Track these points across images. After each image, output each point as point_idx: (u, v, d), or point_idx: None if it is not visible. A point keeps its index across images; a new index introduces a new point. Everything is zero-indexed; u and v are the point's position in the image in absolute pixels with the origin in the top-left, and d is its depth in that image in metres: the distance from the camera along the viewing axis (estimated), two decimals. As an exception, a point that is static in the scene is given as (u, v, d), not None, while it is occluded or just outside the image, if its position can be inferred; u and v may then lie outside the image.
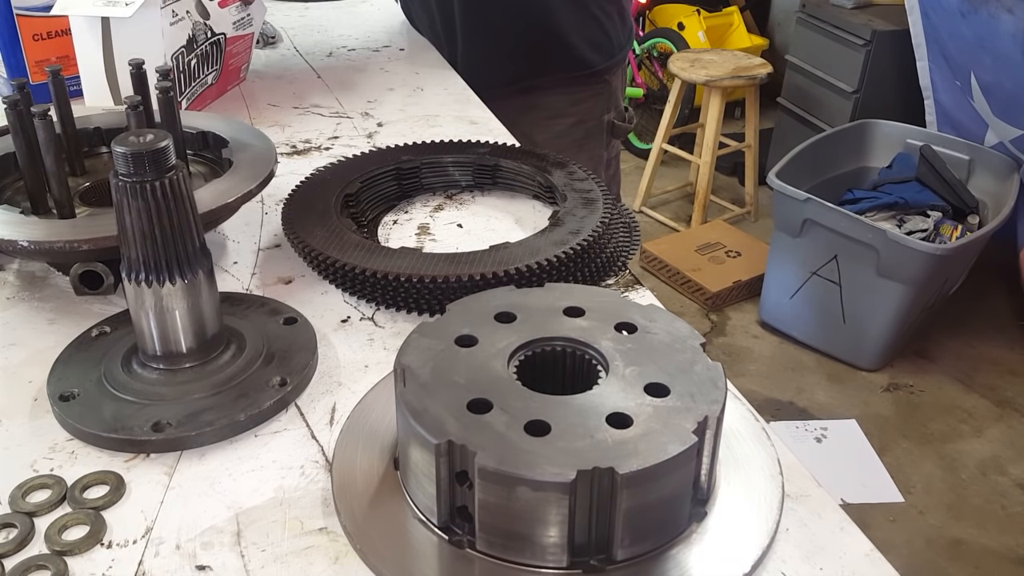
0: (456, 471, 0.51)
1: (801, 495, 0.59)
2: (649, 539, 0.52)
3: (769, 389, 2.77)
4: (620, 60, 1.59)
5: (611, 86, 1.59)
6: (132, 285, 0.63)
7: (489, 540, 0.52)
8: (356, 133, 1.20)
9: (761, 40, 4.55)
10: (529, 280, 0.77)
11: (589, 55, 1.52)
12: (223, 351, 0.69)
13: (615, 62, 1.57)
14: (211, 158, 0.93)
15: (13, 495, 0.58)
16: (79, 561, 0.54)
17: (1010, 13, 2.61)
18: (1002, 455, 2.52)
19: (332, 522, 0.57)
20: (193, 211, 0.63)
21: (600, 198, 0.89)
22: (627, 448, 0.49)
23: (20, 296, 0.82)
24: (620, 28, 1.57)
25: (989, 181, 2.91)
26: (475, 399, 0.53)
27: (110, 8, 1.07)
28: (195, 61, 1.18)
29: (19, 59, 1.20)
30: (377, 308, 0.80)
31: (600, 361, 0.57)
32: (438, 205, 0.99)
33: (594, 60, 1.53)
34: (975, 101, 2.93)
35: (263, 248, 0.90)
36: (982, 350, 2.93)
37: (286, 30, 1.66)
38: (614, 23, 1.54)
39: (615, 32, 1.55)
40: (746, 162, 3.76)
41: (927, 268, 2.50)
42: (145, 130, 0.61)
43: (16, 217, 0.75)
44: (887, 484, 2.40)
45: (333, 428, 0.65)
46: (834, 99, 3.56)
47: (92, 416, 0.63)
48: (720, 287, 3.14)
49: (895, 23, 3.28)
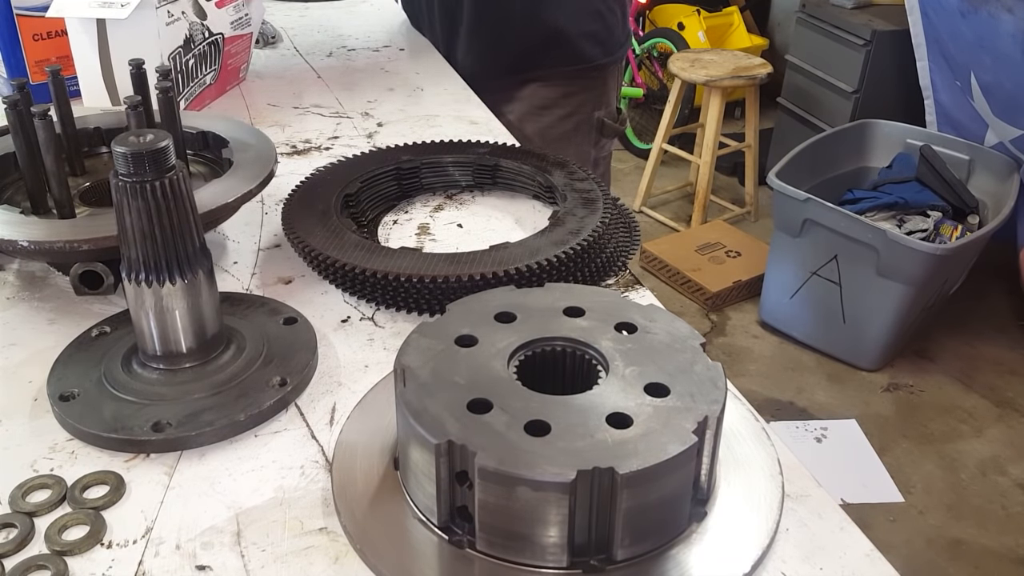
0: (456, 471, 0.51)
1: (801, 495, 0.59)
2: (649, 539, 0.52)
3: (769, 389, 2.77)
4: (618, 58, 1.60)
5: (606, 84, 1.59)
6: (132, 285, 0.63)
7: (489, 540, 0.52)
8: (356, 133, 1.20)
9: (761, 40, 4.55)
10: (529, 280, 0.77)
11: (589, 49, 1.52)
12: (223, 351, 0.69)
13: (613, 59, 1.58)
14: (211, 158, 0.92)
15: (13, 495, 0.58)
16: (79, 561, 0.54)
17: (1010, 13, 2.61)
18: (1002, 455, 2.52)
19: (332, 522, 0.57)
20: (193, 211, 0.63)
21: (600, 198, 0.89)
22: (627, 448, 0.49)
23: (20, 296, 0.82)
24: (621, 25, 1.57)
25: (989, 181, 2.91)
26: (475, 399, 0.53)
27: (105, 9, 1.07)
28: (192, 61, 1.18)
29: (19, 59, 1.20)
30: (377, 308, 0.80)
31: (600, 361, 0.57)
32: (438, 205, 0.99)
33: (593, 55, 1.53)
34: (975, 101, 2.93)
35: (263, 248, 0.90)
36: (982, 350, 2.93)
37: (286, 30, 1.66)
38: (616, 19, 1.55)
39: (617, 28, 1.55)
40: (746, 162, 3.76)
41: (927, 268, 2.50)
42: (145, 130, 0.61)
43: (16, 217, 0.75)
44: (887, 484, 2.40)
45: (333, 428, 0.65)
46: (834, 99, 3.56)
47: (92, 416, 0.63)
48: (720, 287, 3.14)
49: (895, 23, 3.28)
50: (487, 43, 1.51)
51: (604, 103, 1.60)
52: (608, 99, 1.61)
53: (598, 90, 1.58)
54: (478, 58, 1.50)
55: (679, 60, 3.65)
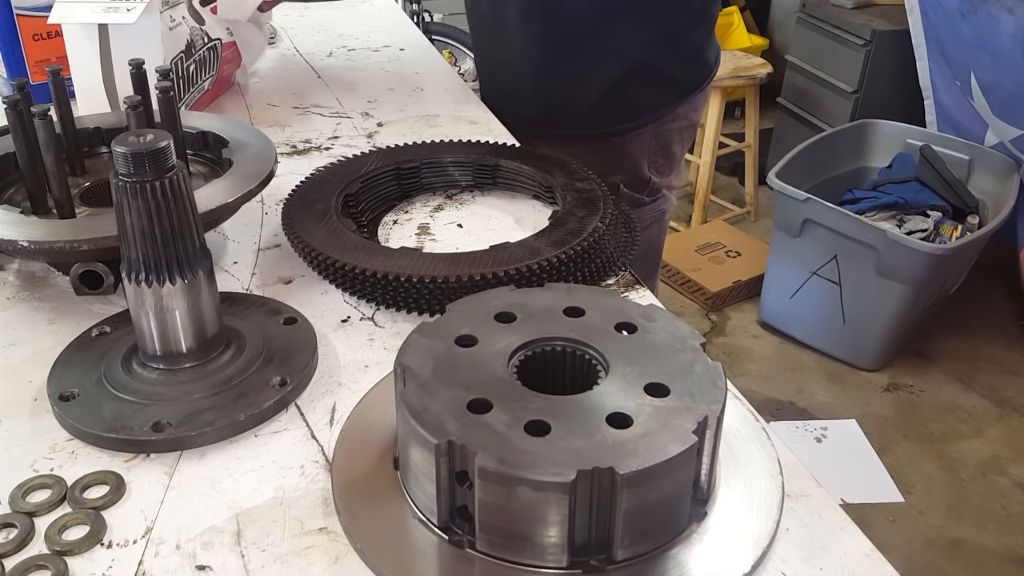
0: (456, 471, 0.51)
1: (801, 495, 0.59)
2: (649, 539, 0.52)
3: (769, 389, 2.76)
4: (637, 126, 1.38)
5: (623, 149, 1.39)
6: (132, 285, 0.63)
7: (489, 540, 0.52)
8: (356, 133, 1.20)
9: (761, 40, 4.55)
10: (529, 280, 0.77)
11: (591, 117, 1.36)
12: (223, 351, 0.69)
13: (629, 127, 1.38)
14: (211, 158, 0.92)
15: (13, 495, 0.58)
16: (79, 561, 0.54)
17: (1010, 13, 2.61)
18: (1002, 455, 2.52)
19: (332, 522, 0.57)
20: (193, 211, 0.63)
21: (600, 198, 0.89)
22: (627, 448, 0.49)
23: (20, 296, 0.82)
24: (644, 96, 1.37)
25: (989, 181, 2.91)
26: (475, 399, 0.53)
27: (111, 15, 1.05)
28: (193, 67, 1.18)
29: (19, 59, 1.20)
30: (377, 308, 0.80)
31: (600, 361, 0.57)
32: (438, 205, 0.99)
33: (596, 122, 1.36)
34: (975, 101, 2.93)
35: (263, 248, 0.90)
36: (982, 350, 2.93)
37: (286, 30, 1.66)
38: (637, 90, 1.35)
39: (635, 97, 1.36)
40: (746, 162, 3.76)
41: (927, 268, 2.50)
42: (145, 130, 0.61)
43: (16, 217, 0.75)
44: (887, 484, 2.40)
45: (333, 428, 0.65)
46: (834, 99, 3.56)
47: (92, 416, 0.63)
48: (720, 287, 3.14)
49: (895, 23, 3.28)
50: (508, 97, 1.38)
51: (624, 167, 1.40)
52: (631, 164, 1.40)
53: (607, 154, 1.37)
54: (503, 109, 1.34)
55: (679, 60, 3.65)
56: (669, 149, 1.44)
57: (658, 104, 1.38)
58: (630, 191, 1.42)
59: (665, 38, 1.32)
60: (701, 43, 1.39)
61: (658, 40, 1.31)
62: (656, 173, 1.44)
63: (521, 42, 1.35)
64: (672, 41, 1.34)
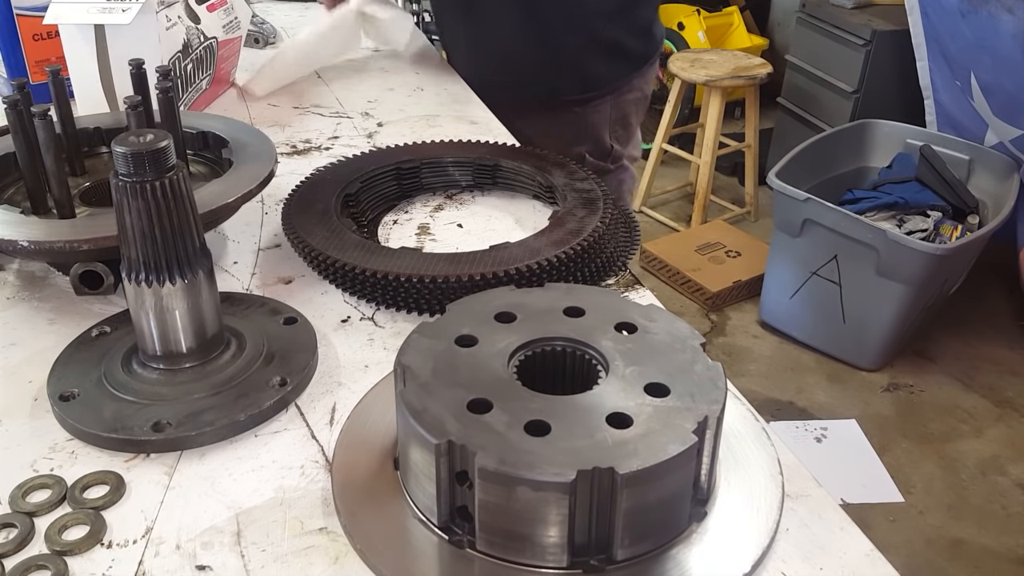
0: (456, 471, 0.51)
1: (801, 495, 0.59)
2: (649, 539, 0.52)
3: (769, 389, 2.76)
4: (596, 96, 1.50)
5: (586, 120, 1.51)
6: (132, 285, 0.63)
7: (489, 540, 0.52)
8: (356, 133, 1.20)
9: (761, 40, 4.55)
10: (529, 280, 0.77)
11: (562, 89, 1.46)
12: (223, 351, 0.69)
13: (590, 97, 1.49)
14: (211, 158, 0.92)
15: (13, 495, 0.58)
16: (79, 561, 0.54)
17: (1010, 13, 2.60)
18: (1002, 455, 2.52)
19: (332, 522, 0.57)
20: (193, 211, 0.63)
21: (600, 198, 0.89)
22: (627, 448, 0.49)
23: (20, 296, 0.82)
24: (602, 67, 1.48)
25: (989, 181, 2.91)
26: (475, 399, 0.53)
27: (106, 15, 1.04)
28: (191, 66, 1.18)
29: (19, 59, 1.20)
30: (377, 308, 0.80)
31: (600, 361, 0.57)
32: (438, 205, 0.99)
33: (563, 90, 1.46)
34: (975, 101, 2.93)
35: (263, 248, 0.90)
36: (982, 350, 2.93)
37: (286, 30, 1.66)
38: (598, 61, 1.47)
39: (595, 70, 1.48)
40: (746, 162, 3.76)
41: (927, 268, 2.50)
42: (145, 130, 0.61)
43: (16, 217, 0.75)
44: (887, 484, 2.40)
45: (333, 428, 0.65)
46: (834, 99, 3.56)
47: (92, 416, 0.63)
48: (720, 287, 3.14)
49: (895, 23, 3.28)
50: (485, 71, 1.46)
51: (587, 138, 1.52)
52: (593, 134, 1.52)
53: (573, 125, 1.50)
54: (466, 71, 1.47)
55: (679, 60, 3.65)
56: (627, 120, 1.58)
57: (615, 75, 1.52)
58: (595, 159, 1.54)
59: (618, 12, 1.46)
60: (650, 18, 1.55)
61: (614, 13, 1.45)
62: (617, 142, 1.58)
63: (493, 14, 1.44)
64: (625, 16, 1.48)
